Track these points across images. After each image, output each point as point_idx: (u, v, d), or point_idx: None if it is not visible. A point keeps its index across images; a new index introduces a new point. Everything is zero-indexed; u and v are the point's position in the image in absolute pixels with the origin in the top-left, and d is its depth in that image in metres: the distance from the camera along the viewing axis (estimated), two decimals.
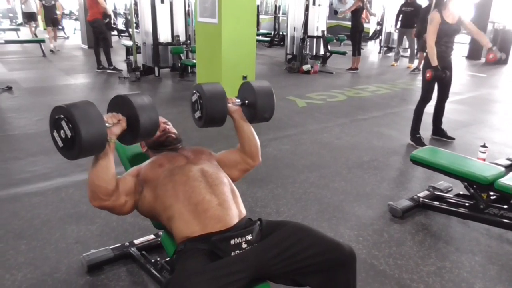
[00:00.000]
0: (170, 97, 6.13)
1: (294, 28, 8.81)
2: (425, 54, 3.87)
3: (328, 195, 2.98)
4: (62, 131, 1.32)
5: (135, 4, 8.37)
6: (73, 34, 14.34)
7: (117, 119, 1.44)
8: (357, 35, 8.13)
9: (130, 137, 1.50)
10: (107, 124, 1.40)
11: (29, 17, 11.93)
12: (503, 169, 2.49)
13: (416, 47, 8.46)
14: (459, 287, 2.03)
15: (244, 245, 1.40)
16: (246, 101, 1.80)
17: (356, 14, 8.03)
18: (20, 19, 18.53)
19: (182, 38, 7.17)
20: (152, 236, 2.33)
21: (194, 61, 6.70)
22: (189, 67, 7.10)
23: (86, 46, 10.63)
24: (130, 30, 11.70)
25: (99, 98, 5.93)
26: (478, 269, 2.18)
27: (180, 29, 7.15)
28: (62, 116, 1.31)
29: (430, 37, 3.67)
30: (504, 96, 6.58)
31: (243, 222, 1.52)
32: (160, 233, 2.34)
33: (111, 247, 2.19)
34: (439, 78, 3.75)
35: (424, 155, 2.72)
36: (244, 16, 5.42)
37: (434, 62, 3.67)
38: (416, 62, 8.75)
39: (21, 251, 2.24)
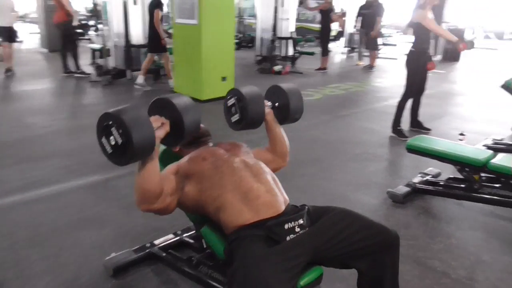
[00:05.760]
0: (148, 100, 5.81)
1: (263, 29, 8.94)
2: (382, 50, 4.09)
3: (331, 186, 3.10)
4: (111, 138, 1.32)
5: (95, 5, 8.17)
6: (26, 37, 13.59)
7: (161, 122, 1.46)
8: (326, 36, 8.39)
9: (174, 139, 1.52)
10: None
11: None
12: (492, 151, 2.72)
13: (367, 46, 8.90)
14: (469, 260, 2.21)
15: (297, 229, 1.45)
16: (276, 104, 1.88)
17: (325, 14, 8.28)
18: None
19: None
20: (171, 236, 2.33)
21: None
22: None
23: (46, 50, 10.14)
24: (90, 33, 11.36)
25: (73, 103, 5.79)
26: (482, 244, 2.38)
27: None
28: (111, 122, 1.31)
29: (434, 25, 3.97)
30: (464, 90, 7.05)
31: (290, 208, 1.58)
32: (179, 232, 2.37)
33: (132, 249, 2.17)
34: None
35: (419, 143, 2.90)
36: (223, 16, 5.47)
37: (453, 37, 4.07)
38: (367, 60, 9.18)
39: (35, 260, 2.16)
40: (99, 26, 14.09)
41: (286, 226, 1.44)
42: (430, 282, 2.04)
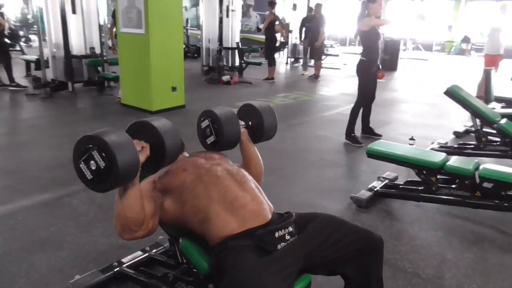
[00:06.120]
0: (94, 112, 5.73)
1: (209, 40, 8.92)
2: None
3: (294, 194, 3.11)
4: (92, 162, 1.22)
5: (24, 15, 7.69)
6: None
7: (141, 146, 1.39)
8: (272, 46, 8.55)
9: (154, 164, 1.45)
10: None
11: None
12: (445, 154, 2.88)
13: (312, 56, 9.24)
14: (435, 259, 2.32)
15: (287, 237, 1.42)
16: (250, 122, 1.87)
17: (270, 25, 8.43)
18: None
19: (98, 50, 6.76)
20: (139, 252, 2.20)
21: (114, 74, 6.38)
22: (108, 81, 6.71)
23: None
24: (21, 44, 10.64)
25: (10, 118, 5.35)
26: (444, 242, 2.50)
27: (94, 41, 6.73)
28: (91, 145, 1.22)
29: (379, 21, 4.45)
30: (405, 98, 7.47)
31: (276, 216, 1.55)
32: (147, 248, 2.24)
33: (99, 269, 2.02)
34: None
35: (379, 148, 3.01)
36: (171, 26, 5.35)
37: (387, 21, 4.92)
38: (312, 70, 9.48)
39: None
40: (30, 36, 13.27)
41: (276, 235, 1.41)
42: (403, 283, 2.11)
